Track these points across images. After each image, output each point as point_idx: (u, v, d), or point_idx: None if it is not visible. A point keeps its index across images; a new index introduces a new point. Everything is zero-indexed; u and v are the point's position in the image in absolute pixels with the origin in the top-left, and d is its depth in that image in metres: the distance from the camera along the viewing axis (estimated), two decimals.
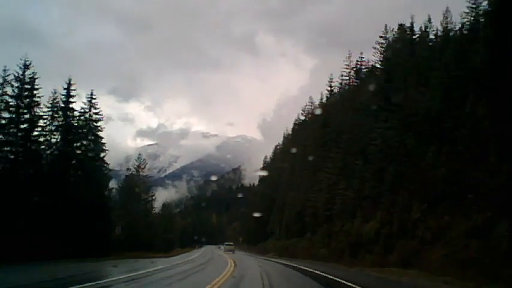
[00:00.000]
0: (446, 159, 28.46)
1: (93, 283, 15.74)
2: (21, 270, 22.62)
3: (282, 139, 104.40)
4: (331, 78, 60.25)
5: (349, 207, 39.99)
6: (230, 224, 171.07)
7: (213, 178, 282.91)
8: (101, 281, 17.30)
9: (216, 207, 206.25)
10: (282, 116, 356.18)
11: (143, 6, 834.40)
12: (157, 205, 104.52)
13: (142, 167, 65.95)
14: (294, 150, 71.39)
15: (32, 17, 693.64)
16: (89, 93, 44.84)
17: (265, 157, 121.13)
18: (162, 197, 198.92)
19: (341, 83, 59.13)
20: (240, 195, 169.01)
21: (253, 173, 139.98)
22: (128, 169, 65.28)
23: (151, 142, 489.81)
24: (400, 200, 30.49)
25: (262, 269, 27.49)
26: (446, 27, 45.16)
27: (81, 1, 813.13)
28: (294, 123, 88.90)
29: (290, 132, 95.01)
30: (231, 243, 77.76)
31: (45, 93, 40.02)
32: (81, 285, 14.50)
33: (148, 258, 45.00)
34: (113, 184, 65.59)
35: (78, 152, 43.63)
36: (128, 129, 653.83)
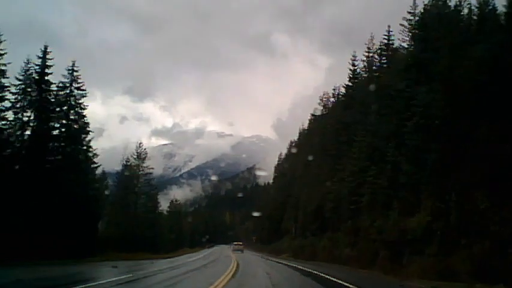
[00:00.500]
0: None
1: None
2: None
3: (297, 135, 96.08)
4: (355, 56, 51.99)
5: (381, 197, 31.99)
6: (244, 224, 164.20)
7: (227, 177, 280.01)
8: None
9: (231, 206, 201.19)
10: (296, 116, 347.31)
11: (158, 6, 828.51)
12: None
13: (143, 157, 58.41)
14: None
15: (45, 17, 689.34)
16: (70, 65, 37.50)
17: (280, 154, 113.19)
18: (177, 196, 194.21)
19: (366, 64, 50.91)
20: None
21: (269, 171, 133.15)
22: (126, 160, 57.69)
23: (167, 141, 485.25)
24: (452, 187, 22.70)
25: (271, 278, 19.74)
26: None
27: (95, 1, 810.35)
28: (311, 115, 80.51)
29: (306, 128, 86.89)
30: (240, 243, 78.62)
31: None
32: None
33: (139, 260, 37.84)
34: None
35: (57, 133, 36.38)
36: (143, 129, 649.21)
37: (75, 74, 37.04)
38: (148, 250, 52.68)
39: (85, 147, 38.61)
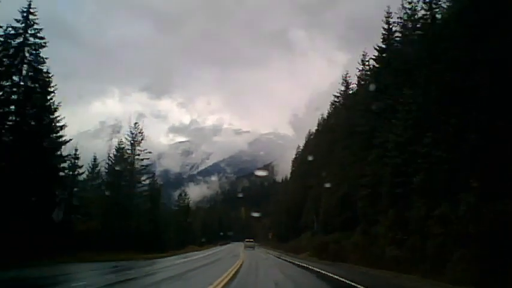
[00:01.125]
0: None
1: None
2: None
3: (316, 127, 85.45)
4: (389, 13, 41.91)
5: (441, 175, 22.15)
6: (260, 221, 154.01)
7: (245, 174, 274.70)
8: None
9: (248, 203, 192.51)
10: (313, 112, 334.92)
11: (175, 3, 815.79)
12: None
13: (140, 139, 49.28)
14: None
15: (63, 14, 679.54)
16: (25, 6, 28.43)
17: (298, 147, 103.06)
18: (193, 193, 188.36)
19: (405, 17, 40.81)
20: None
21: (287, 168, 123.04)
22: (120, 143, 48.46)
23: (184, 138, 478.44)
24: None
25: None
26: None
27: None
28: (334, 96, 69.90)
29: (326, 116, 76.40)
30: (251, 240, 78.40)
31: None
32: None
33: (106, 262, 28.84)
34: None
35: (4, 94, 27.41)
36: (160, 126, 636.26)
37: (30, 17, 27.96)
38: (146, 248, 43.86)
39: (49, 117, 29.53)
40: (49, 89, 28.87)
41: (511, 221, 15.69)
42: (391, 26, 42.21)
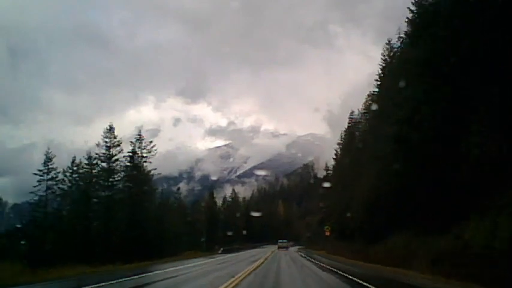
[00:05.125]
0: None
1: None
2: None
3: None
4: None
5: None
6: (303, 218, 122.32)
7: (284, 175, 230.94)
8: None
9: (287, 202, 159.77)
10: (349, 108, 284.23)
11: (206, 3, 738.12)
12: None
13: None
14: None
15: (94, 21, 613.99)
16: None
17: (352, 112, 61.03)
18: (229, 195, 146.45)
19: None
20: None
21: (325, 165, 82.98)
22: None
23: (222, 142, 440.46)
24: None
25: None
26: None
27: (142, 2, 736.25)
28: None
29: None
30: (285, 241, 74.59)
31: None
32: None
33: None
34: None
35: None
36: (197, 131, 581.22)
37: None
38: None
39: None
40: None
41: None
42: None
